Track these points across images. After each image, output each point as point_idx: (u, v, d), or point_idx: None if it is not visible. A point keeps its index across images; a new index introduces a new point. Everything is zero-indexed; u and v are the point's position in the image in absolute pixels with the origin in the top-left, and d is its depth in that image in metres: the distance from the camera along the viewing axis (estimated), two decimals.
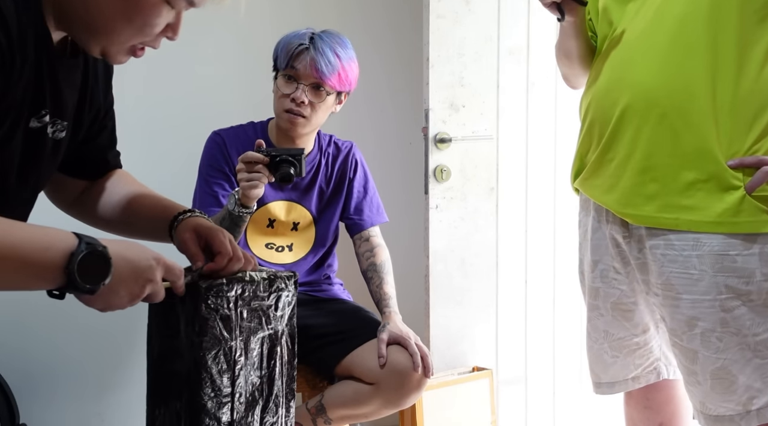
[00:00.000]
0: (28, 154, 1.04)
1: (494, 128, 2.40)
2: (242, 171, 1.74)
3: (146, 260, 1.01)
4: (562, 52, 1.66)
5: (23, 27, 0.95)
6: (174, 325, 1.12)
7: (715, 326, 1.33)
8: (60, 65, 1.05)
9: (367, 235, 2.06)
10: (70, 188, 1.28)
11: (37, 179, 1.12)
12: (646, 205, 1.39)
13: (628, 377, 1.60)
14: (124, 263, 0.97)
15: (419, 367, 1.81)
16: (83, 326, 2.29)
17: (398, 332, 1.87)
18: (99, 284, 0.94)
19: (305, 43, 1.91)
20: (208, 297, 1.11)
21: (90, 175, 1.29)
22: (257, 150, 1.76)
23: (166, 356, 1.14)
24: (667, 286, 1.39)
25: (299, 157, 1.76)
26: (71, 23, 1.01)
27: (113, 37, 1.00)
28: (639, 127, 1.38)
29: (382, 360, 1.81)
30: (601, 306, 1.57)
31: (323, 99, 1.93)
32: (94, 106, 1.20)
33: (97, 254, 0.94)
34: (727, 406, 1.36)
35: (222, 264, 1.15)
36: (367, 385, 1.83)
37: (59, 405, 2.33)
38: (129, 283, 0.99)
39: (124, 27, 0.99)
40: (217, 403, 1.13)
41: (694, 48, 1.33)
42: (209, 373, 1.12)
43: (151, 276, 1.01)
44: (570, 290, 2.51)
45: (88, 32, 1.01)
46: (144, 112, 2.34)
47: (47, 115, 1.04)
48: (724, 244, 1.31)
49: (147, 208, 1.28)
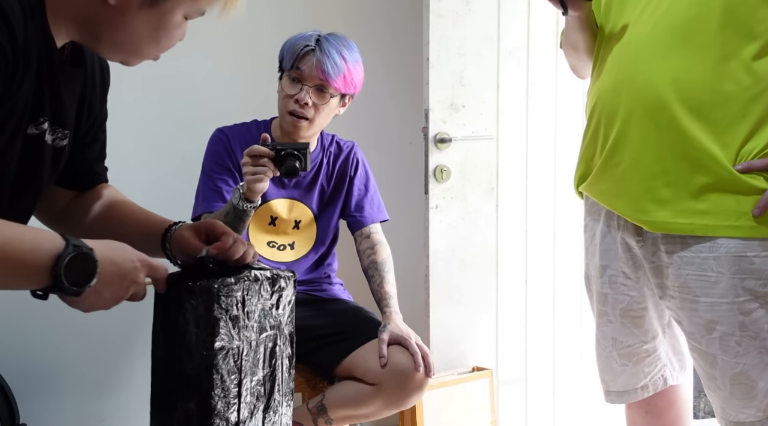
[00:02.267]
0: (25, 161, 1.04)
1: (494, 128, 2.40)
2: (248, 164, 1.74)
3: (131, 262, 1.02)
4: (568, 44, 1.63)
5: (29, 35, 0.96)
6: (183, 326, 1.12)
7: (734, 330, 1.31)
8: (62, 74, 1.06)
9: (368, 232, 2.06)
10: (55, 199, 1.26)
11: (36, 186, 1.11)
12: (659, 211, 1.36)
13: (638, 386, 1.58)
14: (109, 265, 0.98)
15: (420, 367, 1.81)
16: (83, 327, 2.29)
17: (399, 332, 1.87)
18: (84, 287, 0.95)
19: (311, 44, 1.91)
20: (220, 297, 1.11)
21: (77, 186, 1.28)
22: (263, 144, 1.76)
23: (175, 358, 1.14)
24: (685, 289, 1.36)
25: (304, 151, 1.76)
26: (98, 43, 1.06)
27: (140, 54, 1.08)
28: (647, 130, 1.36)
29: (383, 360, 1.81)
30: (609, 312, 1.55)
31: (327, 101, 1.93)
32: (91, 116, 1.21)
33: (84, 257, 0.95)
34: (747, 412, 1.34)
35: (228, 242, 1.16)
36: (369, 385, 1.83)
37: (59, 405, 2.33)
38: (113, 285, 1.00)
39: (151, 46, 1.08)
40: (225, 404, 1.13)
41: (707, 50, 1.30)
42: (220, 374, 1.12)
43: (135, 277, 1.02)
44: (570, 290, 2.51)
45: (114, 48, 1.07)
46: (144, 111, 2.34)
47: (46, 122, 1.04)
48: (741, 246, 1.29)
49: (136, 222, 1.27)
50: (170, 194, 2.28)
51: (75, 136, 1.17)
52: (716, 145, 1.30)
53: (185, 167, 2.18)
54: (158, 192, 2.31)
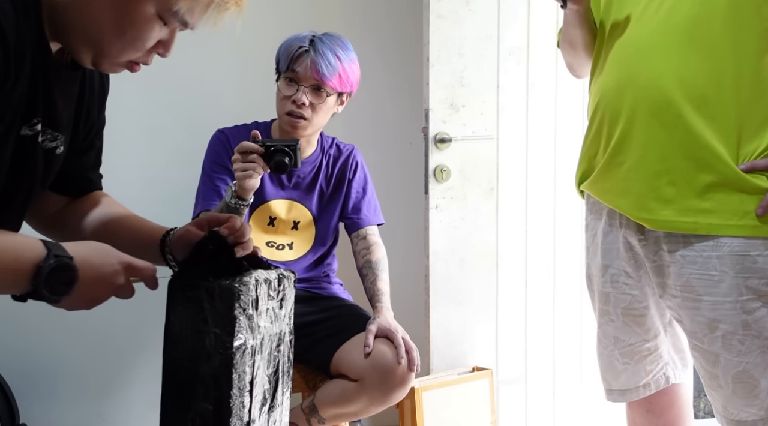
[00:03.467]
0: (18, 162, 1.04)
1: (494, 128, 2.40)
2: (237, 161, 1.75)
3: (111, 266, 1.03)
4: (566, 41, 1.63)
5: (22, 38, 0.95)
6: (200, 326, 1.12)
7: (736, 329, 1.31)
8: (56, 77, 1.05)
9: (364, 234, 2.07)
10: (48, 204, 1.26)
11: (29, 188, 1.11)
12: (663, 210, 1.36)
13: (639, 384, 1.58)
14: (89, 269, 0.99)
15: (402, 360, 1.79)
16: (84, 326, 2.29)
17: (387, 325, 1.87)
18: (63, 296, 0.96)
19: (305, 45, 1.92)
20: (240, 296, 1.12)
21: (71, 191, 1.28)
22: (253, 140, 1.76)
23: (189, 358, 1.14)
24: (687, 288, 1.36)
25: (294, 147, 1.75)
26: (65, 32, 1.02)
27: (105, 48, 1.01)
28: (652, 129, 1.35)
29: (368, 349, 1.80)
30: (611, 311, 1.55)
31: (323, 100, 1.94)
32: (89, 121, 1.20)
33: (64, 267, 0.96)
34: (749, 411, 1.34)
35: (237, 223, 1.17)
36: (353, 382, 1.82)
37: (59, 405, 2.33)
38: (93, 289, 1.01)
39: (116, 39, 1.00)
40: (240, 403, 1.14)
41: (712, 49, 1.30)
42: (237, 374, 1.12)
43: (115, 280, 1.03)
44: (570, 290, 2.51)
45: (82, 42, 1.01)
46: (144, 112, 2.34)
47: (39, 123, 1.04)
48: (744, 245, 1.29)
49: (132, 230, 1.27)
50: (170, 195, 2.28)
51: (72, 140, 1.16)
52: (721, 143, 1.30)
53: (185, 168, 2.18)
54: (158, 193, 2.32)
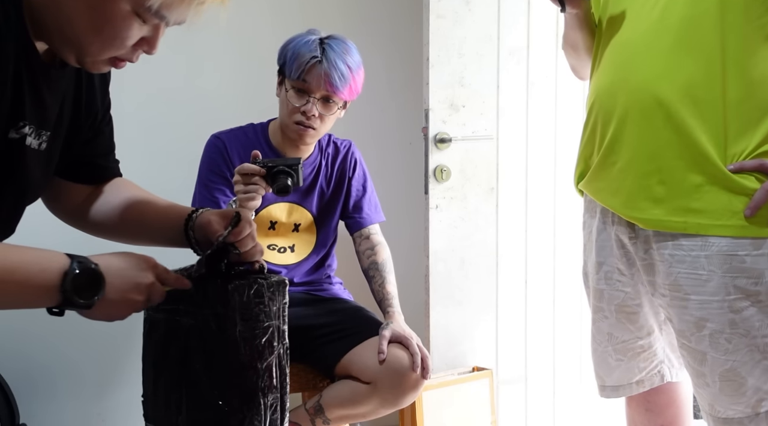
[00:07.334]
0: (6, 165, 1.04)
1: (494, 128, 2.40)
2: (239, 183, 1.73)
3: (138, 269, 1.05)
4: (567, 43, 1.64)
5: (3, 40, 0.95)
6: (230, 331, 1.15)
7: (723, 327, 1.32)
8: (45, 77, 1.05)
9: (367, 233, 2.06)
10: (71, 195, 1.27)
11: (21, 189, 1.11)
12: (653, 209, 1.37)
13: (633, 381, 1.59)
14: (116, 275, 1.02)
15: (418, 368, 1.80)
16: (83, 327, 2.27)
17: (401, 331, 1.87)
18: (93, 299, 0.99)
19: (317, 55, 1.87)
20: (264, 296, 1.16)
21: (88, 180, 1.28)
22: (253, 161, 1.74)
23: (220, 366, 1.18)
24: (675, 287, 1.37)
25: (296, 167, 1.73)
26: (48, 33, 1.01)
27: (85, 47, 0.99)
28: (643, 129, 1.37)
29: (382, 355, 1.80)
30: (605, 308, 1.57)
31: (333, 111, 1.94)
32: (92, 111, 1.20)
33: (89, 271, 0.99)
34: (736, 408, 1.34)
35: (245, 230, 1.18)
36: (364, 384, 1.82)
37: (59, 405, 2.33)
38: (124, 293, 1.03)
39: (94, 38, 0.98)
40: (264, 404, 1.19)
41: (702, 49, 1.31)
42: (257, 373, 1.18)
43: (144, 282, 1.05)
44: (570, 290, 2.51)
45: (63, 42, 1.01)
46: (140, 115, 2.34)
47: (26, 126, 1.04)
48: (732, 245, 1.30)
49: (156, 212, 1.28)
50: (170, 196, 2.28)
51: (76, 132, 1.16)
52: (710, 144, 1.31)
53: (185, 169, 2.18)
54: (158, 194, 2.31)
